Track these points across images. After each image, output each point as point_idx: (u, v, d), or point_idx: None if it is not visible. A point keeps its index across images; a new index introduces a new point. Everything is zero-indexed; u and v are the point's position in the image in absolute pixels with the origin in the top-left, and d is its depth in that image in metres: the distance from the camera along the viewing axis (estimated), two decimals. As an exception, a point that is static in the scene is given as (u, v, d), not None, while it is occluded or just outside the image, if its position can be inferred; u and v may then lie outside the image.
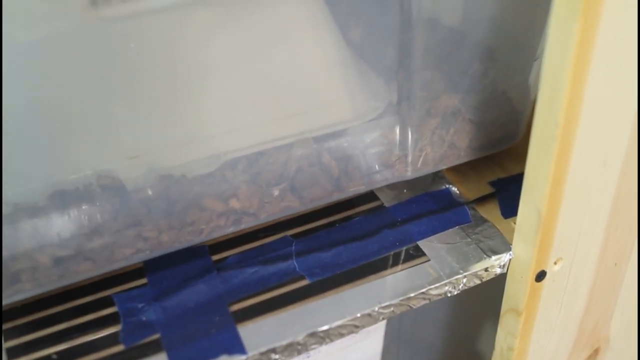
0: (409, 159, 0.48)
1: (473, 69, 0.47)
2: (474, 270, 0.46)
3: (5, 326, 0.43)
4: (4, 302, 0.41)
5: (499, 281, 0.48)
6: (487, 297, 0.60)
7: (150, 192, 0.42)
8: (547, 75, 0.37)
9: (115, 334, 0.42)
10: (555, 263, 0.45)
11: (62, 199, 0.41)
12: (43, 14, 0.34)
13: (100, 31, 0.37)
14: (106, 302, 0.44)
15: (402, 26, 0.43)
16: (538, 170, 0.41)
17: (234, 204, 0.44)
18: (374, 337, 0.57)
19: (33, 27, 0.35)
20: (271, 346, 0.41)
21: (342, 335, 0.43)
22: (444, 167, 0.50)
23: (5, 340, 0.42)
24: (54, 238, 0.41)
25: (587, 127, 0.39)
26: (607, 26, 0.35)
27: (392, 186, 0.52)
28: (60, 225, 0.41)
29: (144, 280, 0.45)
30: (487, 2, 0.45)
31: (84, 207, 0.41)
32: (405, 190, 0.52)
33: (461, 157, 0.50)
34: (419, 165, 0.48)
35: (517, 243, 0.45)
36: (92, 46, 0.38)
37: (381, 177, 0.49)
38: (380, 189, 0.52)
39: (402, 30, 0.43)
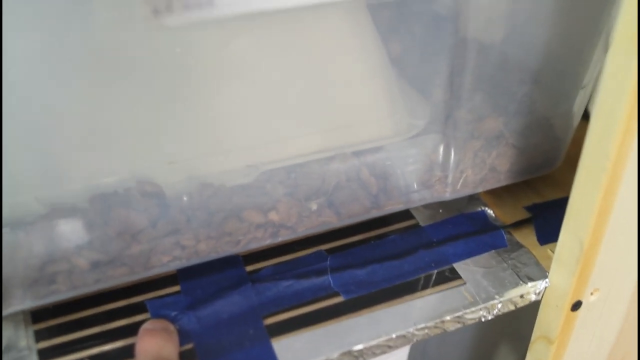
0: (449, 179, 0.48)
1: (519, 94, 0.46)
2: (510, 297, 0.45)
3: (37, 327, 0.43)
4: (39, 302, 0.41)
5: (525, 307, 0.47)
6: (510, 321, 0.60)
7: (190, 200, 0.42)
8: (602, 108, 0.37)
9: (149, 341, 0.42)
10: (591, 294, 0.45)
11: (102, 202, 0.41)
12: (105, 21, 0.34)
13: (153, 39, 0.37)
14: (139, 308, 0.44)
15: (455, 48, 0.42)
16: (584, 201, 0.40)
17: (273, 216, 0.44)
18: (398, 357, 0.56)
19: (94, 33, 0.35)
20: (305, 363, 0.41)
21: (375, 355, 0.43)
22: (483, 189, 0.50)
23: (37, 341, 0.42)
24: (92, 241, 0.41)
25: (636, 162, 0.38)
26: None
27: (427, 205, 0.52)
28: (99, 229, 0.41)
29: (177, 288, 0.45)
30: (536, 28, 0.45)
31: (123, 211, 0.41)
32: (440, 210, 0.52)
33: (500, 180, 0.50)
34: (458, 187, 0.48)
35: (555, 271, 0.45)
36: (145, 54, 0.38)
37: (419, 197, 0.48)
38: (416, 207, 0.52)
39: (455, 52, 0.42)
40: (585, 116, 0.49)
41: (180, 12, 0.33)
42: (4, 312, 0.40)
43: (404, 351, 0.57)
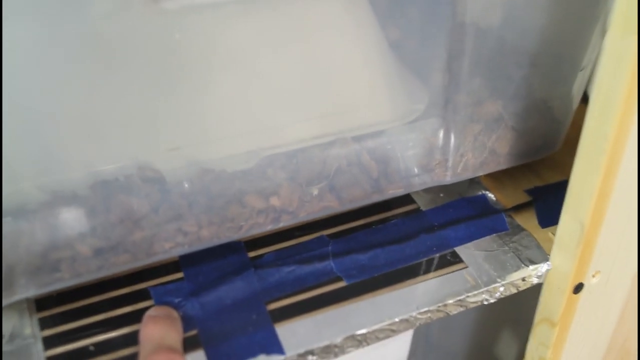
0: (450, 163, 0.48)
1: (517, 77, 0.46)
2: (512, 279, 0.45)
3: (41, 315, 0.43)
4: (43, 290, 0.41)
5: (525, 290, 0.48)
6: (512, 305, 0.60)
7: (191, 186, 0.42)
8: (600, 89, 0.37)
9: (152, 328, 0.42)
10: (593, 276, 0.45)
11: (103, 189, 0.41)
12: (104, 5, 0.34)
13: (153, 24, 0.37)
14: (142, 295, 0.44)
15: (454, 32, 0.42)
16: (584, 183, 0.40)
17: (275, 201, 0.44)
18: (401, 342, 0.57)
19: (93, 18, 0.35)
20: (309, 347, 0.41)
21: (378, 339, 0.43)
22: (483, 173, 0.50)
23: (42, 329, 0.42)
24: (94, 228, 0.41)
25: (636, 142, 0.38)
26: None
27: (428, 189, 0.52)
28: (101, 216, 0.41)
29: (179, 274, 0.45)
30: (534, 11, 0.45)
31: (124, 198, 0.41)
32: (441, 195, 0.52)
33: (500, 164, 0.50)
34: (458, 170, 0.48)
35: (556, 254, 0.45)
36: (144, 39, 0.38)
37: (420, 181, 0.48)
38: (416, 191, 0.52)
39: (453, 35, 0.42)
40: (585, 99, 0.49)
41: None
42: (9, 301, 0.41)
43: (407, 336, 0.57)
